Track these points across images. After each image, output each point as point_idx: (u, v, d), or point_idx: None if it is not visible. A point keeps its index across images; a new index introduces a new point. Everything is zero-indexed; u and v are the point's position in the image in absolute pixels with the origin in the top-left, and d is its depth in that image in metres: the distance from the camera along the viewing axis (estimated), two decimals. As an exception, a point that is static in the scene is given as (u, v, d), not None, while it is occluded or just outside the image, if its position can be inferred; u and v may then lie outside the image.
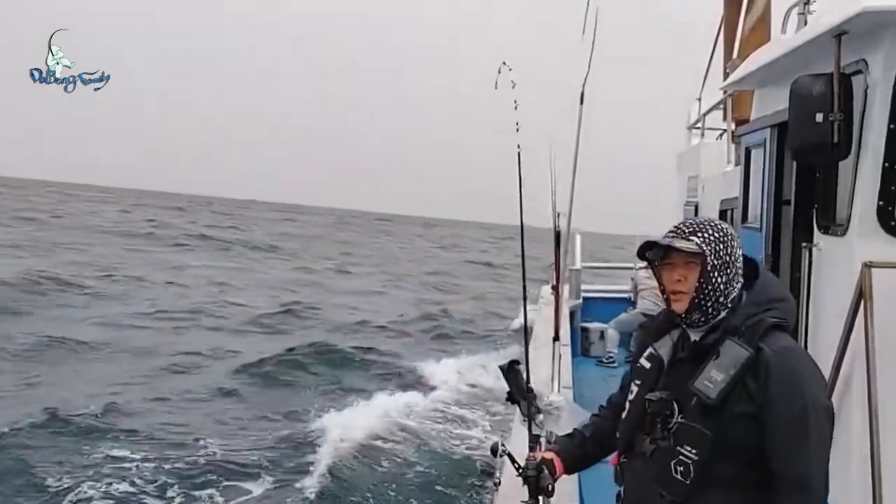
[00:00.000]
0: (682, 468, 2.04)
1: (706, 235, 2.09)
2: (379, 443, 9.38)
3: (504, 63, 3.22)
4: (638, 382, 2.24)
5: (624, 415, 2.27)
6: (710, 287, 2.07)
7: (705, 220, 2.16)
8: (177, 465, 8.18)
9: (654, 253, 2.16)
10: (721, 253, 2.08)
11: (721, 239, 2.10)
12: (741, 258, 2.15)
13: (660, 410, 2.10)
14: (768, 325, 2.04)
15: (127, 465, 8.15)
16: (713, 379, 2.02)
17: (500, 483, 2.68)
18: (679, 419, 2.07)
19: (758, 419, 1.99)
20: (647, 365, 2.24)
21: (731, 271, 2.10)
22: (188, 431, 9.42)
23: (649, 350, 2.27)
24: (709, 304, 2.09)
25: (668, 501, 2.08)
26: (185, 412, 10.31)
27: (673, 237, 2.12)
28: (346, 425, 9.45)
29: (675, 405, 2.08)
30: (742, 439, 2.00)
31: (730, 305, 2.11)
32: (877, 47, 3.49)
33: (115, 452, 8.44)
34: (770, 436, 1.98)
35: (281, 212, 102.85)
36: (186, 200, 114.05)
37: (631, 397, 2.25)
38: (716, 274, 2.07)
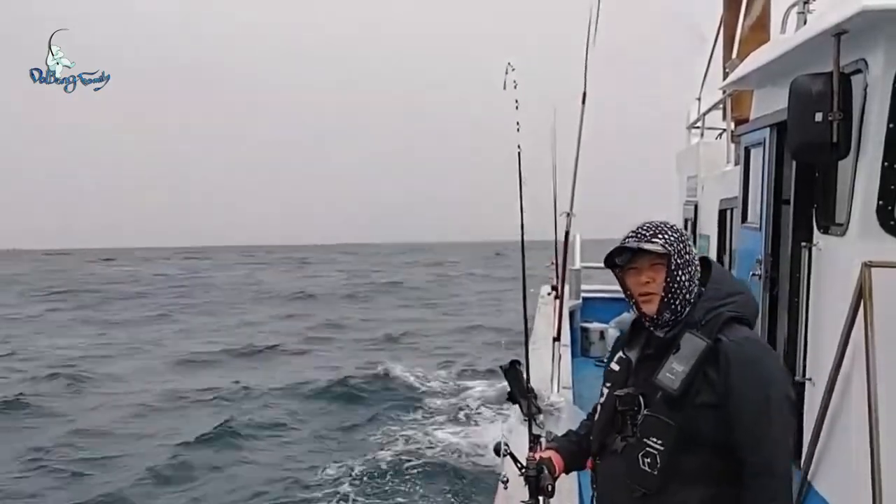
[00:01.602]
0: (648, 459, 2.08)
1: (667, 237, 2.17)
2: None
3: (509, 63, 3.22)
4: (608, 385, 2.30)
5: (596, 417, 2.32)
6: (676, 286, 2.15)
7: (660, 223, 2.23)
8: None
9: (623, 258, 2.22)
10: (682, 252, 2.17)
11: (680, 238, 2.19)
12: (697, 256, 2.23)
13: (628, 407, 2.16)
14: (726, 318, 2.11)
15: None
16: (675, 370, 2.08)
17: (507, 481, 2.70)
18: (645, 412, 2.12)
19: (721, 409, 2.04)
20: (617, 368, 2.31)
21: (692, 269, 2.19)
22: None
23: (619, 354, 2.34)
24: (677, 302, 2.16)
25: (640, 495, 2.11)
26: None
27: (638, 241, 2.17)
28: None
29: (641, 399, 2.14)
30: (706, 430, 2.05)
31: (692, 302, 2.18)
32: (876, 46, 3.48)
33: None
34: (734, 424, 2.03)
35: (406, 253, 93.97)
36: (308, 251, 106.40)
37: (602, 400, 2.30)
38: (680, 273, 2.16)
